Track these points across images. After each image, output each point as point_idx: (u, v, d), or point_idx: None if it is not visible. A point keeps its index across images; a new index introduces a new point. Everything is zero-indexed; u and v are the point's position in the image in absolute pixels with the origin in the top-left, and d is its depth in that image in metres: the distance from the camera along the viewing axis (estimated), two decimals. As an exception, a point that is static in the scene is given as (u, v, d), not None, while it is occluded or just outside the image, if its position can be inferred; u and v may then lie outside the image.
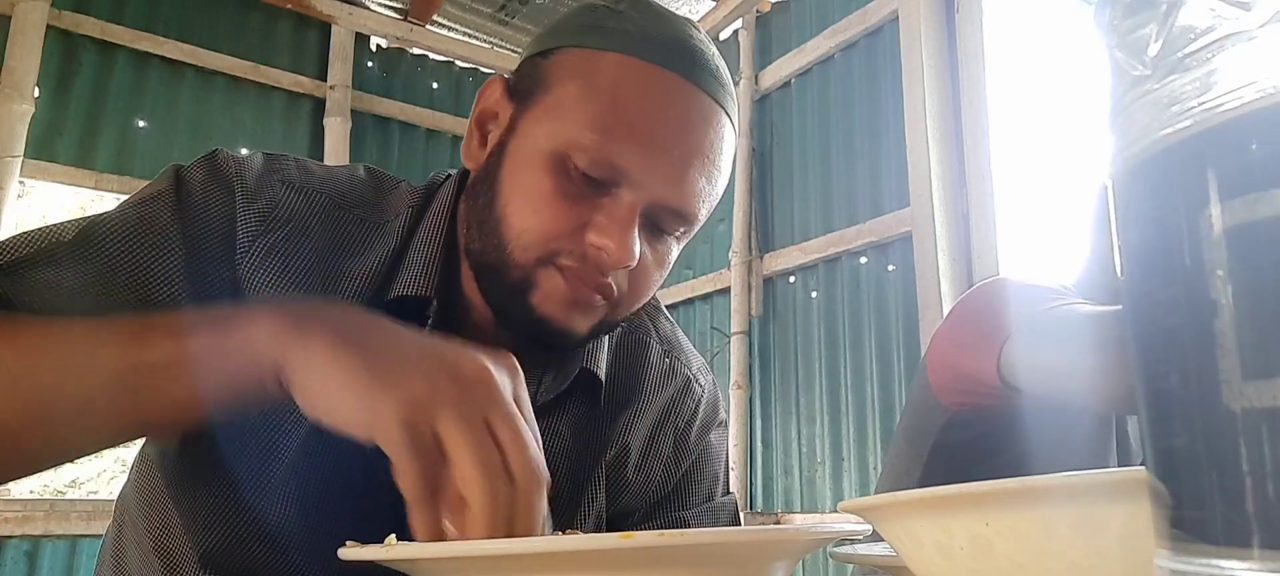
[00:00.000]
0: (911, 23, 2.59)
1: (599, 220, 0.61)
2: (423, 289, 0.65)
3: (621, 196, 0.61)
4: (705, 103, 0.64)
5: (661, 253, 0.67)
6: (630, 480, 0.78)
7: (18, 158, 2.68)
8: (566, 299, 0.62)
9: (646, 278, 0.67)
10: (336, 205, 0.68)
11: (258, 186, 0.65)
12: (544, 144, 0.62)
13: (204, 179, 0.64)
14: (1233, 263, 0.18)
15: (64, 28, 2.89)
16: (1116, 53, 0.21)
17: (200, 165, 0.65)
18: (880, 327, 2.64)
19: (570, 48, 0.65)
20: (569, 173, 0.61)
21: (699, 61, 0.64)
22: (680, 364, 0.83)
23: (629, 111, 0.61)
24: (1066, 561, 0.31)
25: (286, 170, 0.68)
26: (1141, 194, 0.20)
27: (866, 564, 0.53)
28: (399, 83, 3.62)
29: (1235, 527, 0.18)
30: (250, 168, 0.66)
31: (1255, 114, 0.18)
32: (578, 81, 0.63)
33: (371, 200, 0.70)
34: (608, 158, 0.60)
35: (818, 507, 2.76)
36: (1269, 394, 0.17)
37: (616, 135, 0.61)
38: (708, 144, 0.64)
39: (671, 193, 0.62)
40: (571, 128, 0.61)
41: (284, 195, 0.66)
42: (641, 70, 0.62)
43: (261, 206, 0.64)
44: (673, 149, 0.62)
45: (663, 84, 0.62)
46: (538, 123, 0.63)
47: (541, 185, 0.62)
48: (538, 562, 0.38)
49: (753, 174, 3.18)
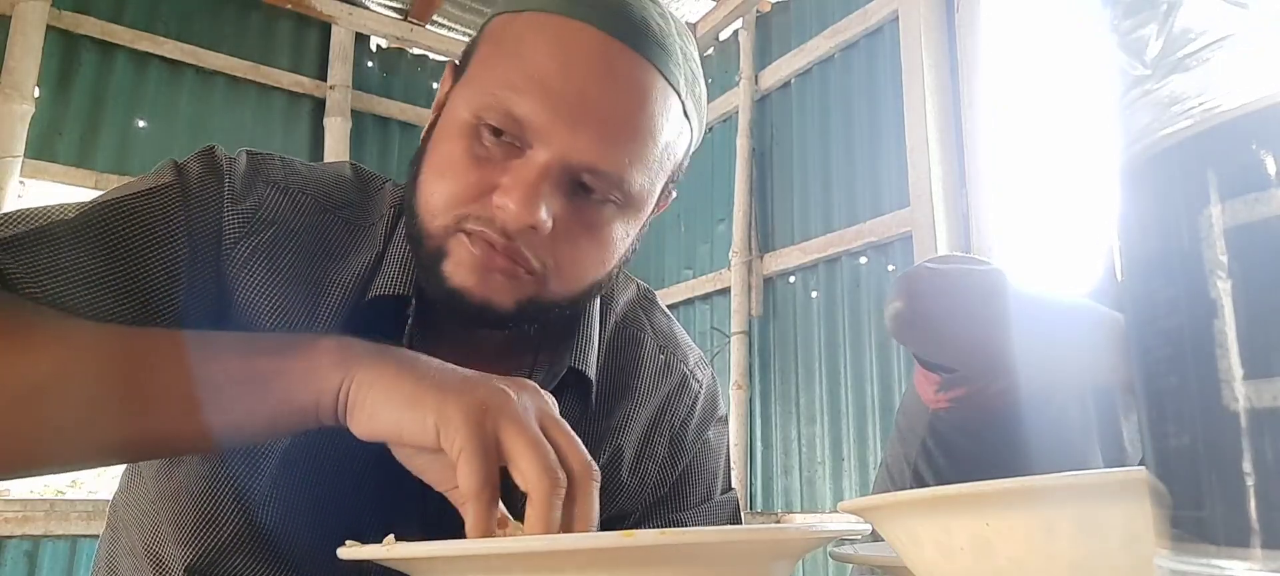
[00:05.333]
0: (911, 23, 2.59)
1: (504, 181, 0.58)
2: (401, 288, 0.64)
3: (531, 155, 0.58)
4: (625, 54, 0.60)
5: (593, 221, 0.62)
6: (625, 483, 0.76)
7: (18, 158, 2.68)
8: (478, 265, 0.59)
9: (576, 248, 0.62)
10: (321, 207, 0.67)
11: (244, 187, 0.64)
12: (461, 112, 0.61)
13: (200, 173, 0.64)
14: (1233, 263, 0.18)
15: (64, 28, 2.89)
16: (1117, 53, 0.21)
17: (197, 159, 0.65)
18: (880, 328, 2.63)
19: (496, 16, 0.64)
20: (480, 136, 0.59)
21: (619, 13, 0.60)
22: (676, 359, 0.80)
23: (532, 64, 0.58)
24: (1066, 561, 0.31)
25: (272, 171, 0.67)
26: (1141, 194, 0.20)
27: (866, 564, 0.53)
28: (399, 83, 3.62)
29: (1235, 527, 0.18)
30: (238, 167, 0.65)
31: (1255, 114, 0.18)
32: (492, 44, 0.62)
33: (356, 201, 0.69)
34: (509, 110, 0.58)
35: (818, 507, 2.76)
36: (1269, 394, 0.17)
37: (519, 87, 0.58)
38: (626, 97, 0.60)
39: (583, 148, 0.58)
40: (482, 90, 0.60)
41: (269, 196, 0.65)
42: (550, 23, 0.60)
43: (248, 207, 0.64)
44: (579, 98, 0.58)
45: (570, 34, 0.59)
46: (459, 94, 0.62)
47: (452, 151, 0.60)
48: (538, 562, 0.38)
49: (753, 174, 3.17)
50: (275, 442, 0.62)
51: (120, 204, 0.60)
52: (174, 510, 0.65)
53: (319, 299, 0.64)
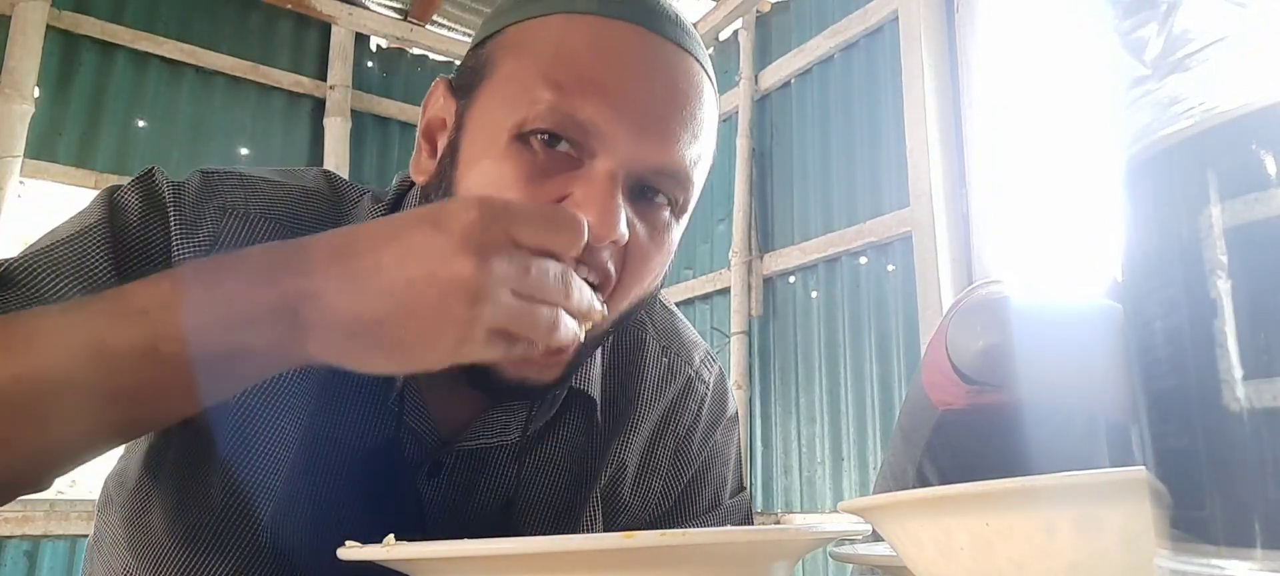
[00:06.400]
0: (911, 23, 2.59)
1: (576, 194, 0.53)
2: None
3: (597, 165, 0.54)
4: (669, 49, 0.57)
5: (657, 229, 0.58)
6: (627, 501, 0.72)
7: (18, 158, 2.68)
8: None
9: (643, 259, 0.58)
10: (286, 229, 0.61)
11: (195, 215, 0.59)
12: (496, 128, 0.55)
13: (139, 205, 0.58)
14: (1233, 263, 0.18)
15: (64, 28, 2.89)
16: (1117, 53, 0.21)
17: (134, 189, 0.60)
18: (880, 327, 2.64)
19: (508, 26, 0.59)
20: (531, 146, 0.54)
21: (652, 9, 0.57)
22: (680, 360, 0.76)
23: (581, 65, 0.54)
24: (1066, 561, 0.31)
25: (227, 193, 0.61)
26: (1141, 194, 0.20)
27: (866, 564, 0.53)
28: (399, 83, 3.62)
29: (1235, 527, 0.18)
30: (187, 192, 0.60)
31: (1255, 114, 0.18)
32: (522, 52, 0.57)
33: (328, 218, 0.63)
34: (568, 113, 0.53)
35: (818, 507, 2.76)
36: (1269, 394, 0.17)
37: (572, 89, 0.54)
38: (680, 91, 0.57)
39: (651, 148, 0.55)
40: (523, 97, 0.54)
41: (226, 225, 0.59)
42: (588, 23, 0.56)
43: (201, 239, 0.58)
44: (640, 99, 0.55)
45: (614, 34, 0.56)
46: (486, 110, 0.57)
47: (503, 170, 0.54)
48: (538, 562, 0.38)
49: (753, 174, 3.18)
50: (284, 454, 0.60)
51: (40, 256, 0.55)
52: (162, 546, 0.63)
53: None
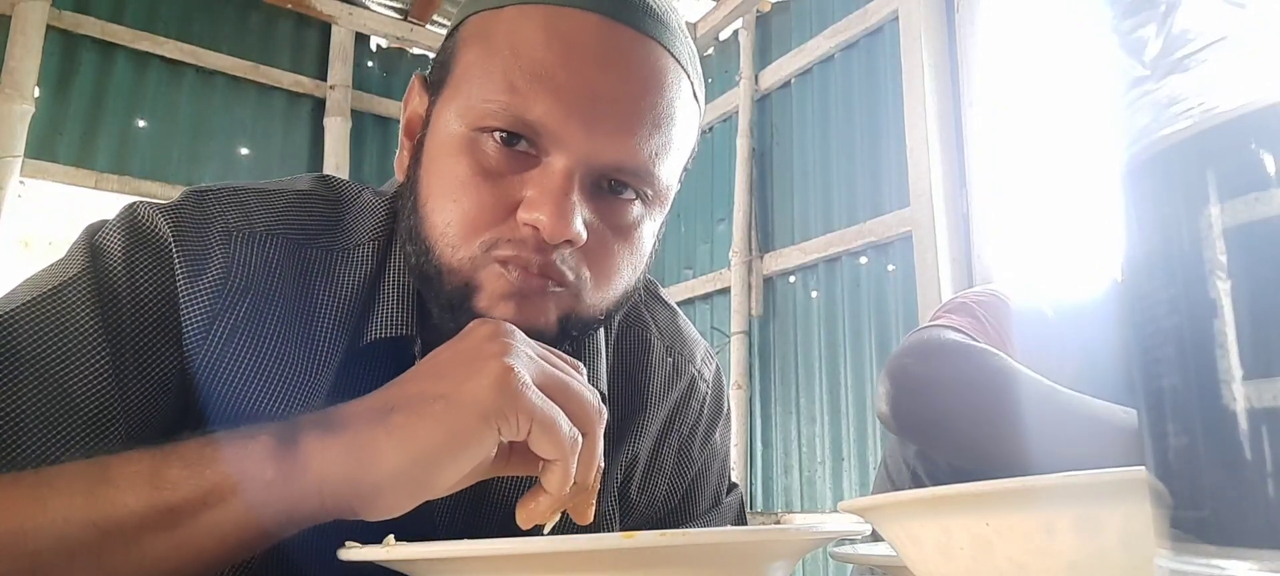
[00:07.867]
0: (911, 23, 2.59)
1: (529, 193, 0.53)
2: (404, 328, 0.58)
3: (550, 163, 0.53)
4: (627, 36, 0.54)
5: (624, 223, 0.57)
6: (634, 501, 0.72)
7: (18, 158, 2.68)
8: (516, 292, 0.54)
9: (609, 253, 0.57)
10: (296, 243, 0.59)
11: (201, 247, 0.56)
12: (454, 125, 0.55)
13: (126, 250, 0.55)
14: (1232, 263, 0.18)
15: (64, 28, 2.88)
16: (1117, 53, 0.21)
17: (118, 231, 0.56)
18: (880, 328, 2.64)
19: (470, 17, 0.58)
20: (484, 148, 0.54)
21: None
22: (683, 360, 0.76)
23: (534, 61, 0.53)
24: (1066, 561, 0.31)
25: (226, 216, 0.58)
26: (1141, 194, 0.20)
27: (866, 564, 0.53)
28: (399, 83, 3.61)
29: (1235, 527, 0.18)
30: (185, 222, 0.56)
31: (1255, 114, 0.18)
32: (477, 46, 0.56)
33: (331, 218, 0.62)
34: (518, 115, 0.52)
35: (818, 507, 2.76)
36: (1269, 394, 0.17)
37: (523, 87, 0.52)
38: (639, 80, 0.54)
39: (606, 146, 0.53)
40: (477, 95, 0.54)
41: (236, 254, 0.57)
42: (542, 14, 0.54)
43: (212, 280, 0.55)
44: (593, 92, 0.53)
45: (569, 23, 0.53)
46: (447, 107, 0.56)
47: (457, 170, 0.54)
48: (539, 563, 0.38)
49: (753, 174, 3.17)
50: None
51: (20, 314, 0.51)
52: None
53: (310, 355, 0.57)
